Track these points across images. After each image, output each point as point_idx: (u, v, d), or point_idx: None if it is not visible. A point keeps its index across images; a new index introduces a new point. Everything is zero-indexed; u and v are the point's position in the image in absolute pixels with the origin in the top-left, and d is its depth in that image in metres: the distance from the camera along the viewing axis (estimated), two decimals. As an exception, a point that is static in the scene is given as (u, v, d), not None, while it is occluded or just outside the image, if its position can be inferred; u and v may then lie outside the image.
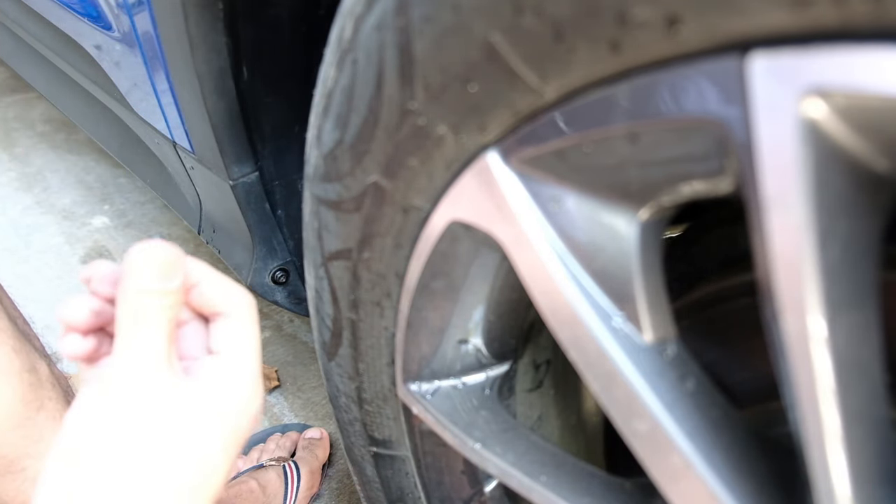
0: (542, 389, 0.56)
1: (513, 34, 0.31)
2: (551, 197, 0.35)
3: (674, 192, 0.32)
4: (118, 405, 0.38)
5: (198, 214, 1.02)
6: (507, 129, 0.35)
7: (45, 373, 0.73)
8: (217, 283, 0.42)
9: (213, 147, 0.76)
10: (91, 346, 0.42)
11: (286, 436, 1.11)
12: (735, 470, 0.34)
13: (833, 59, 0.23)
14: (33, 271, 1.53)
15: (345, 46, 0.40)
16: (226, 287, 0.42)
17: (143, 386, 0.38)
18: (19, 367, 0.68)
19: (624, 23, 0.27)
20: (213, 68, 0.67)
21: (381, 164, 0.42)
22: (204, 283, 0.42)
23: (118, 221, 1.69)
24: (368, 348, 0.54)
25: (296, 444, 1.10)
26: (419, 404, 0.51)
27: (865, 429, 0.29)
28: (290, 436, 1.11)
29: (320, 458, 1.07)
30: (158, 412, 0.38)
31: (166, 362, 0.39)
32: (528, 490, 0.45)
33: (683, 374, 0.36)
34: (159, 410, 0.38)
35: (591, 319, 0.35)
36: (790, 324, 0.27)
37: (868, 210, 0.27)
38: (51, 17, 1.07)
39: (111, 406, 0.38)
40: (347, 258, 0.49)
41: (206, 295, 0.42)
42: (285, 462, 1.03)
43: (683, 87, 0.27)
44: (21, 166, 1.89)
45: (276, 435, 1.11)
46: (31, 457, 0.70)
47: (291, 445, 1.09)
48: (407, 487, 0.63)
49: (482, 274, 0.45)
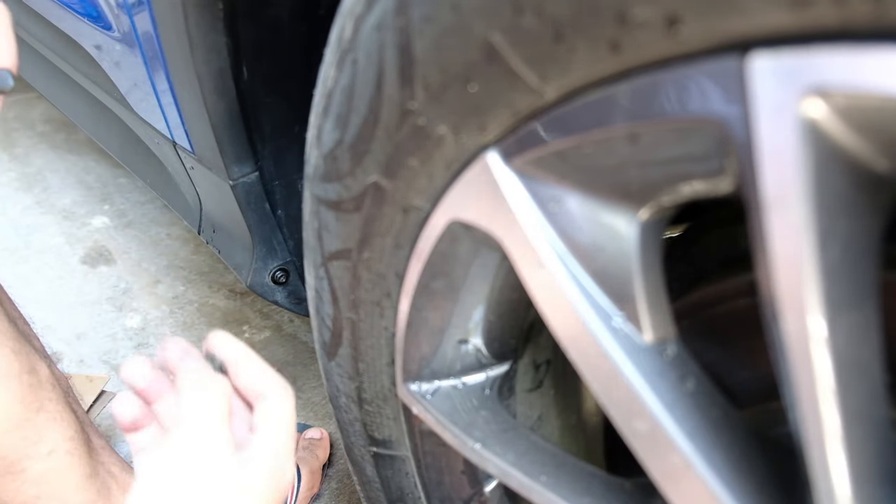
0: (542, 389, 0.56)
1: (513, 34, 0.31)
2: (551, 197, 0.35)
3: (674, 193, 0.32)
4: (188, 472, 0.43)
5: (198, 214, 1.02)
6: (507, 129, 0.35)
7: (45, 374, 0.73)
8: (256, 368, 0.51)
9: (213, 147, 0.76)
10: (140, 411, 0.48)
11: None
12: (735, 470, 0.34)
13: (833, 60, 0.23)
14: (33, 271, 1.53)
15: (345, 46, 0.40)
16: (263, 371, 0.51)
17: (210, 457, 0.44)
18: (19, 369, 0.68)
19: (624, 23, 0.27)
20: (213, 68, 0.67)
21: (381, 164, 0.42)
22: (245, 367, 0.50)
23: (118, 221, 1.69)
24: (368, 348, 0.54)
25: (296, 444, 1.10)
26: (419, 404, 0.51)
27: (865, 429, 0.29)
28: None
29: (320, 458, 1.07)
30: (221, 481, 0.44)
31: (228, 437, 0.45)
32: (528, 490, 0.45)
33: (683, 374, 0.36)
34: (222, 479, 0.44)
35: (591, 319, 0.35)
36: (790, 324, 0.27)
37: (868, 210, 0.27)
38: (51, 17, 1.07)
39: (182, 473, 0.43)
40: (347, 258, 0.49)
41: (247, 379, 0.50)
42: None
43: (684, 88, 0.27)
44: (21, 166, 1.89)
45: None
46: (30, 458, 0.70)
47: None
48: (407, 487, 0.63)
49: (482, 274, 0.45)
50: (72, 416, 0.75)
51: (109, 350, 1.34)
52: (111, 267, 1.55)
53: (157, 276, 1.52)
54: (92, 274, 1.53)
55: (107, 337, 1.37)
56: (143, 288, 1.49)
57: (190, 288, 1.49)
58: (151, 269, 1.54)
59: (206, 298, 1.46)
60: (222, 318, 1.41)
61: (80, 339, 1.36)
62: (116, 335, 1.37)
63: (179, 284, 1.50)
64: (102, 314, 1.42)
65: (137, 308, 1.44)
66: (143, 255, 1.58)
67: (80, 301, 1.45)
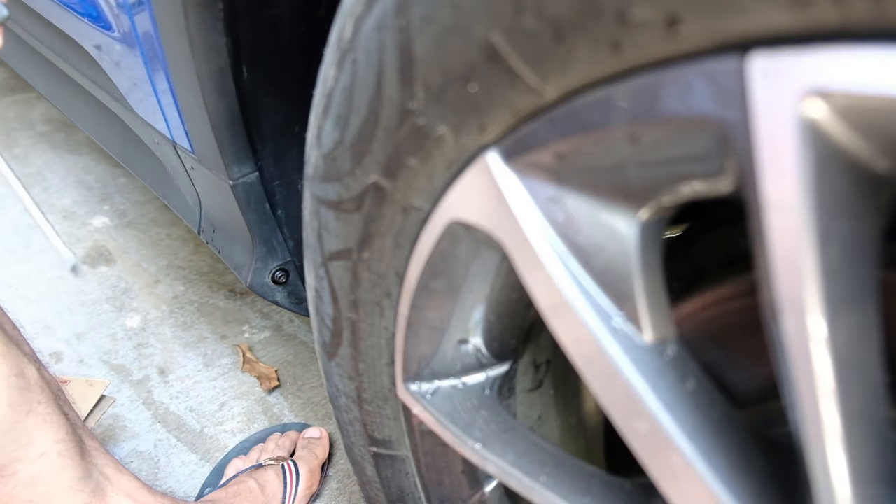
0: (542, 389, 0.56)
1: (513, 34, 0.31)
2: (551, 197, 0.35)
3: (674, 193, 0.32)
4: None
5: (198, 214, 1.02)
6: (507, 129, 0.35)
7: (33, 377, 0.73)
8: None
9: (213, 147, 0.76)
10: None
11: (285, 435, 1.11)
12: (735, 470, 0.34)
13: (833, 60, 0.23)
14: (33, 271, 1.53)
15: (345, 46, 0.40)
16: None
17: None
18: (6, 372, 0.69)
19: (624, 23, 0.27)
20: (213, 68, 0.67)
21: (381, 164, 0.42)
22: None
23: (118, 221, 1.69)
24: (368, 348, 0.54)
25: (295, 443, 1.10)
26: (419, 404, 0.51)
27: (865, 429, 0.29)
28: (289, 435, 1.11)
29: (320, 457, 1.07)
30: None
31: None
32: (528, 490, 0.45)
33: (683, 374, 0.36)
34: None
35: (591, 319, 0.35)
36: (790, 324, 0.27)
37: (868, 210, 0.27)
38: (51, 17, 1.07)
39: None
40: (347, 258, 0.49)
41: None
42: (284, 461, 1.03)
43: (684, 88, 0.27)
44: (21, 166, 1.89)
45: (275, 434, 1.11)
46: (21, 460, 0.71)
47: (291, 445, 1.09)
48: (407, 487, 0.63)
49: (482, 274, 0.45)
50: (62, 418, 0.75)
51: (109, 350, 1.34)
52: (111, 267, 1.55)
53: (157, 276, 1.52)
54: (92, 274, 1.53)
55: (107, 337, 1.37)
56: (143, 288, 1.49)
57: (190, 288, 1.49)
58: (151, 269, 1.54)
59: (206, 298, 1.46)
60: (222, 318, 1.41)
61: (79, 339, 1.36)
62: (116, 335, 1.37)
63: (179, 284, 1.50)
64: (102, 314, 1.42)
65: (137, 308, 1.44)
66: (143, 255, 1.58)
67: (79, 301, 1.45)
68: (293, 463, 1.03)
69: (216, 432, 1.18)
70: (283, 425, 1.15)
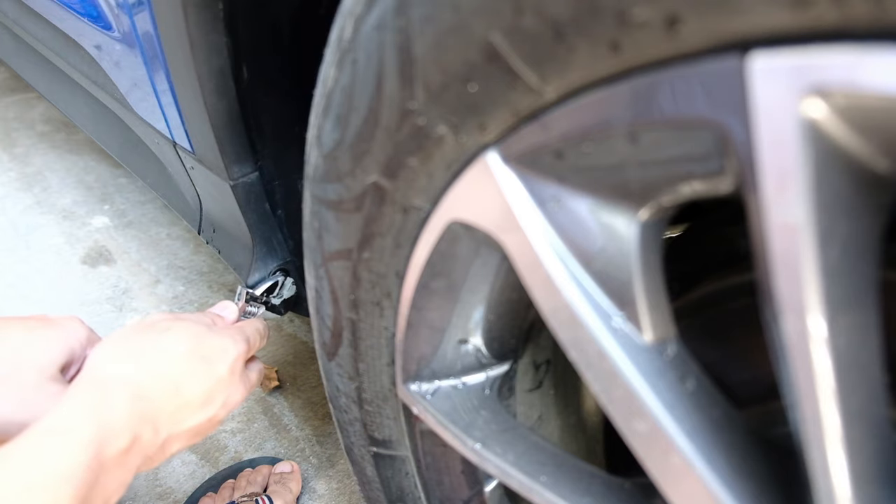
0: (542, 389, 0.56)
1: (513, 34, 0.31)
2: (551, 197, 0.35)
3: (674, 193, 0.32)
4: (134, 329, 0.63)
5: (198, 214, 1.02)
6: (507, 129, 0.35)
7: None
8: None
9: (213, 147, 0.76)
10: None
11: (256, 470, 1.09)
12: (735, 470, 0.34)
13: (833, 59, 0.23)
14: (33, 271, 1.53)
15: (345, 46, 0.40)
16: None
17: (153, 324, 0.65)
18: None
19: (624, 23, 0.27)
20: (213, 68, 0.67)
21: (381, 164, 0.42)
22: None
23: (118, 221, 1.69)
24: (368, 348, 0.54)
25: (267, 478, 1.08)
26: (419, 404, 0.51)
27: (865, 429, 0.29)
28: (260, 470, 1.09)
29: (294, 491, 1.05)
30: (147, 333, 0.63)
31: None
32: (528, 490, 0.45)
33: (683, 374, 0.36)
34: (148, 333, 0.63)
35: (591, 319, 0.35)
36: (790, 324, 0.27)
37: (868, 210, 0.27)
38: (51, 17, 1.07)
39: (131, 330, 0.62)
40: (347, 258, 0.49)
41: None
42: (258, 496, 1.02)
43: (684, 87, 0.27)
44: (21, 166, 1.89)
45: (246, 470, 1.09)
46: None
47: (263, 480, 1.07)
48: (407, 487, 0.63)
49: (482, 274, 0.45)
50: None
51: (109, 350, 1.33)
52: (111, 267, 1.55)
53: (157, 276, 1.52)
54: (92, 274, 1.53)
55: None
56: (143, 288, 1.49)
57: (190, 288, 1.49)
58: (151, 269, 1.54)
59: (206, 298, 1.46)
60: (222, 318, 1.41)
61: (80, 339, 1.36)
62: (116, 335, 1.37)
63: (179, 284, 1.50)
64: (102, 314, 1.42)
65: (137, 308, 1.44)
66: (143, 255, 1.58)
67: (80, 301, 1.45)
68: (268, 498, 1.01)
69: (216, 432, 1.18)
70: (251, 460, 1.13)
